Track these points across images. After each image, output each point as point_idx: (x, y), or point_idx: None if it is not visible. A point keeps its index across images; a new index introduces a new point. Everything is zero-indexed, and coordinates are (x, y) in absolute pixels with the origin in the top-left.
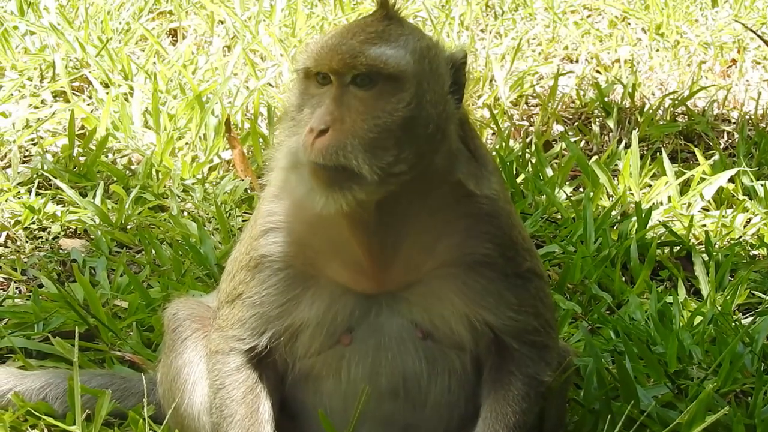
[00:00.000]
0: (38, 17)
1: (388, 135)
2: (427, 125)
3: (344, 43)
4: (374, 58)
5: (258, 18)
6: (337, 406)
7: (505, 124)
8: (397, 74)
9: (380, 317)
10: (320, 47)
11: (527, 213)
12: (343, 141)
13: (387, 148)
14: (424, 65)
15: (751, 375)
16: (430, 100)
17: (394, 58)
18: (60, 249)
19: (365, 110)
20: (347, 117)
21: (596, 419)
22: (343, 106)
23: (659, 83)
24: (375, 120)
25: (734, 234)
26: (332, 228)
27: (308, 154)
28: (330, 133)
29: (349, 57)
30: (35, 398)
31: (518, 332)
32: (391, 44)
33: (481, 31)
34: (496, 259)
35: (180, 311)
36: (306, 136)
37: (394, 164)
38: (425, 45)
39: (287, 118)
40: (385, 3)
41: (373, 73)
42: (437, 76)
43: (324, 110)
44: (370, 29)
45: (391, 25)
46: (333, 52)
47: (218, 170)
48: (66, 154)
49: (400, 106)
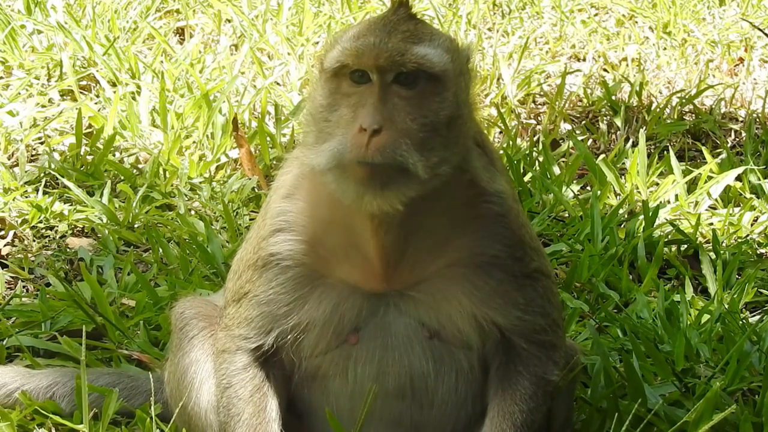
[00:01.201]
0: (45, 16)
1: (435, 134)
2: (464, 123)
3: (387, 40)
4: (421, 56)
5: (265, 17)
6: (344, 406)
7: (513, 122)
8: (440, 74)
9: (387, 317)
10: (360, 44)
11: (535, 211)
12: (399, 140)
13: (435, 148)
14: (457, 64)
15: (759, 373)
16: (464, 99)
17: (438, 57)
18: (67, 248)
19: (413, 110)
20: (396, 116)
21: (603, 418)
22: (389, 105)
23: (666, 82)
24: (423, 119)
25: (741, 232)
26: (346, 227)
27: (362, 154)
28: (384, 132)
29: (398, 55)
30: (42, 397)
31: (526, 332)
32: (431, 43)
33: (488, 30)
34: (505, 260)
35: (187, 310)
36: (356, 137)
37: (441, 164)
38: (455, 45)
39: (315, 116)
40: (406, 2)
41: (418, 72)
42: (464, 75)
43: (373, 109)
44: (403, 28)
45: (419, 24)
46: (378, 50)
47: (225, 169)
48: (73, 152)
49: (444, 105)
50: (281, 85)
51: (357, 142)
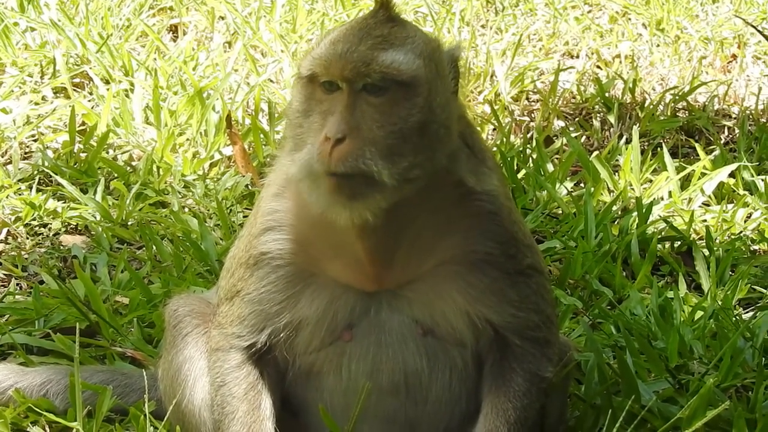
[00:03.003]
0: (39, 13)
1: (404, 141)
2: (438, 128)
3: (354, 49)
4: (387, 65)
5: (258, 14)
6: (338, 403)
7: (506, 119)
8: (409, 80)
9: (381, 314)
10: (328, 54)
11: (528, 208)
12: (362, 148)
13: (404, 154)
14: (432, 68)
15: (752, 370)
16: (439, 103)
17: (406, 64)
18: (61, 245)
19: (380, 117)
20: (363, 124)
21: (597, 414)
22: (357, 113)
23: (660, 78)
24: (391, 126)
25: (735, 229)
26: (334, 229)
27: (326, 164)
28: (347, 141)
29: (362, 65)
30: (36, 395)
31: (519, 329)
32: (401, 49)
33: (481, 27)
34: (498, 257)
35: (181, 307)
36: (322, 146)
37: (410, 169)
38: (431, 47)
39: (292, 121)
40: (387, 3)
41: (386, 80)
42: (443, 77)
43: (339, 118)
44: (377, 33)
45: (396, 27)
46: (344, 60)
47: (219, 166)
48: (67, 150)
49: (414, 111)
50: (275, 83)
51: (322, 152)
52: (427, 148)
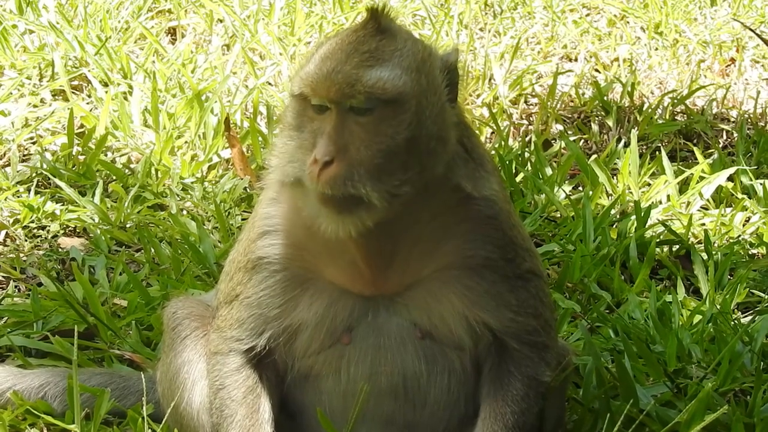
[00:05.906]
0: (37, 16)
1: (392, 159)
2: (429, 141)
3: (339, 69)
4: (371, 84)
5: (257, 17)
6: (336, 405)
7: (505, 123)
8: (395, 97)
9: (379, 317)
10: (315, 74)
11: (526, 212)
12: (350, 171)
13: (393, 172)
14: (421, 81)
15: (750, 374)
16: (430, 116)
17: (391, 81)
18: (59, 248)
19: (367, 137)
20: (351, 145)
21: (595, 418)
22: (345, 134)
23: (658, 82)
24: (378, 146)
25: (733, 233)
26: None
27: (315, 185)
28: (335, 164)
29: (347, 86)
30: (34, 397)
31: (518, 333)
32: (386, 65)
33: (480, 30)
34: (497, 261)
35: (179, 310)
36: (311, 167)
37: (400, 186)
38: (420, 58)
39: (285, 130)
40: (376, 15)
41: (371, 100)
42: (434, 88)
43: (327, 140)
44: (364, 48)
45: (384, 39)
46: (329, 82)
47: (217, 169)
48: (65, 152)
49: (401, 128)
50: (273, 85)
51: (311, 173)
52: (417, 163)
